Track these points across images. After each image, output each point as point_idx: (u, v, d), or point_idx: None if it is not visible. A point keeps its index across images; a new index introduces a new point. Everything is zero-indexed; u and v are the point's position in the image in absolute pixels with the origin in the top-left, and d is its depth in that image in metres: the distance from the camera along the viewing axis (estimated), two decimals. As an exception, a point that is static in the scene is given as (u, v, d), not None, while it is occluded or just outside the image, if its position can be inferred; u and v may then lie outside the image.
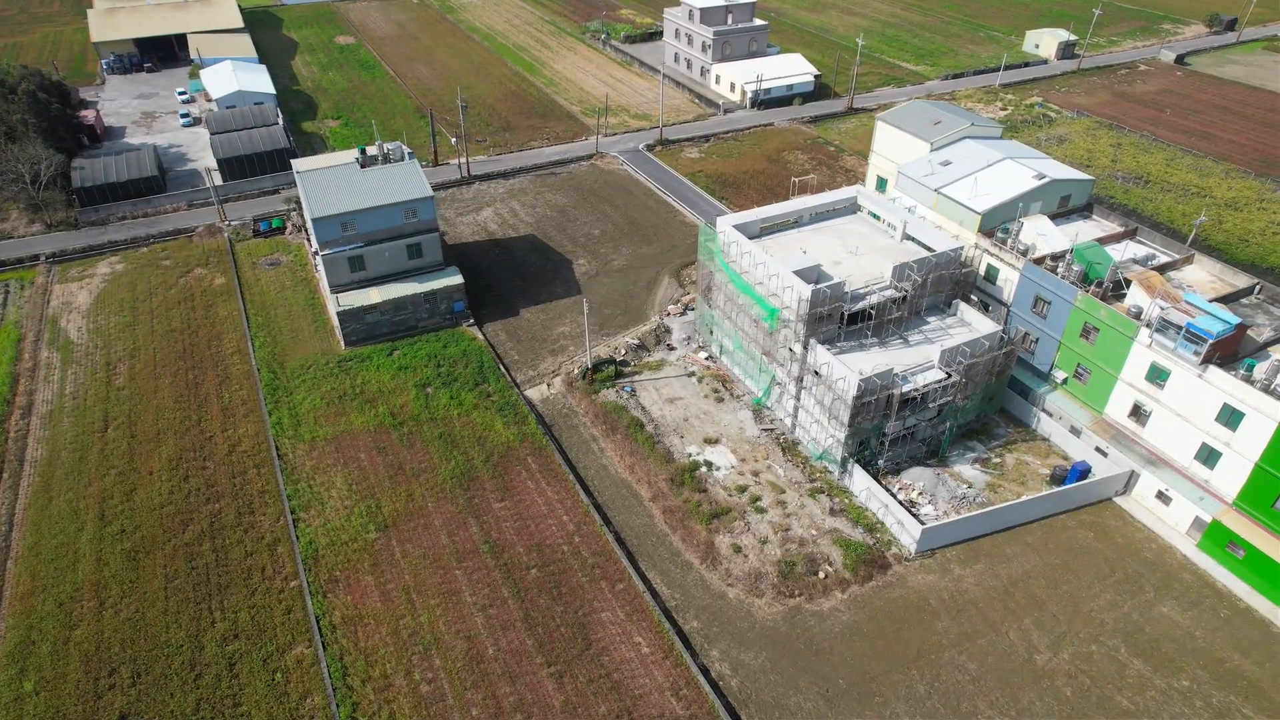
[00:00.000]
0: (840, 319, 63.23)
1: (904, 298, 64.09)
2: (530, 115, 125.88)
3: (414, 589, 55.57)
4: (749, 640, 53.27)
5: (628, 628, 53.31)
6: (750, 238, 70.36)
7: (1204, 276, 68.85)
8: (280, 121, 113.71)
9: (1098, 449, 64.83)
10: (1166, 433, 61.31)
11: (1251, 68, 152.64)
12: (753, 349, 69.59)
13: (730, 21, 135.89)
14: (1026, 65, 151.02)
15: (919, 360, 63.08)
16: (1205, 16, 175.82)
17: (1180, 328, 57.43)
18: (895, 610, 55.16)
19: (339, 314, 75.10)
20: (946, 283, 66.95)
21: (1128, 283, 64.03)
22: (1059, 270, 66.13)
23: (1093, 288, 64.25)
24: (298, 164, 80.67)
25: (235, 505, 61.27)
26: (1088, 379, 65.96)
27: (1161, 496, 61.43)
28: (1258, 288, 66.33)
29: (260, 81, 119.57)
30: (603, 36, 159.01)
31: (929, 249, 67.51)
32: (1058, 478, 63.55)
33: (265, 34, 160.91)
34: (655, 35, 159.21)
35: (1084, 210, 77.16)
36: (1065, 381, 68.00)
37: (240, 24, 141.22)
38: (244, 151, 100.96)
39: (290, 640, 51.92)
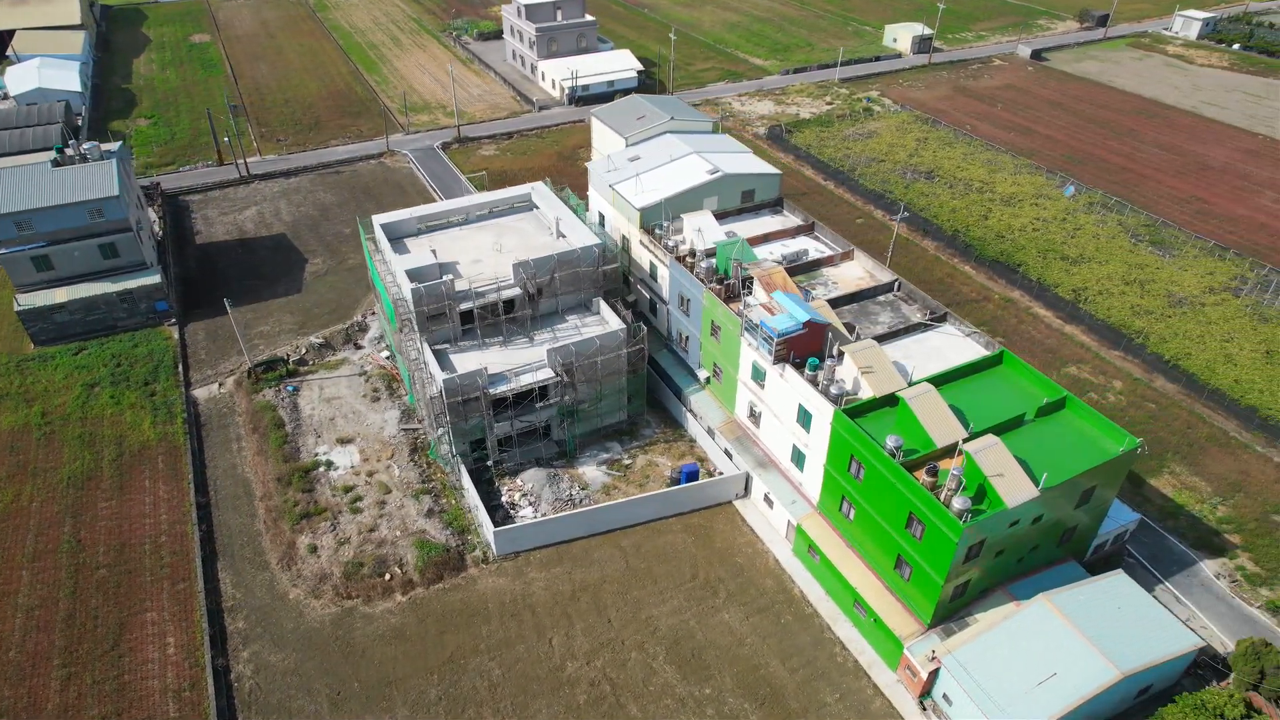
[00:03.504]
0: (458, 318, 62.40)
1: (525, 296, 63.10)
2: (344, 114, 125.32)
3: (-26, 589, 55.34)
4: (286, 642, 52.50)
5: (166, 628, 52.73)
6: (406, 236, 69.67)
7: (857, 273, 67.48)
8: (80, 120, 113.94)
9: (725, 450, 63.66)
10: (772, 434, 60.11)
11: (1107, 64, 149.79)
12: (398, 348, 68.86)
13: (560, 18, 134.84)
14: (878, 59, 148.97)
15: (538, 359, 62.15)
16: (1077, 12, 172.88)
17: (758, 325, 56.22)
18: (449, 613, 54.23)
19: (19, 313, 74.89)
20: (585, 280, 65.80)
21: (750, 280, 62.82)
22: (694, 267, 65.00)
23: (714, 284, 63.11)
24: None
25: None
26: (721, 378, 64.82)
27: (768, 500, 60.22)
28: (897, 284, 64.87)
29: (67, 79, 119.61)
30: (456, 34, 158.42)
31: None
32: (672, 480, 62.40)
33: (123, 31, 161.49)
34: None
35: (774, 205, 75.86)
36: (708, 381, 66.86)
37: (77, 21, 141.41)
38: (6, 150, 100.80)
39: None
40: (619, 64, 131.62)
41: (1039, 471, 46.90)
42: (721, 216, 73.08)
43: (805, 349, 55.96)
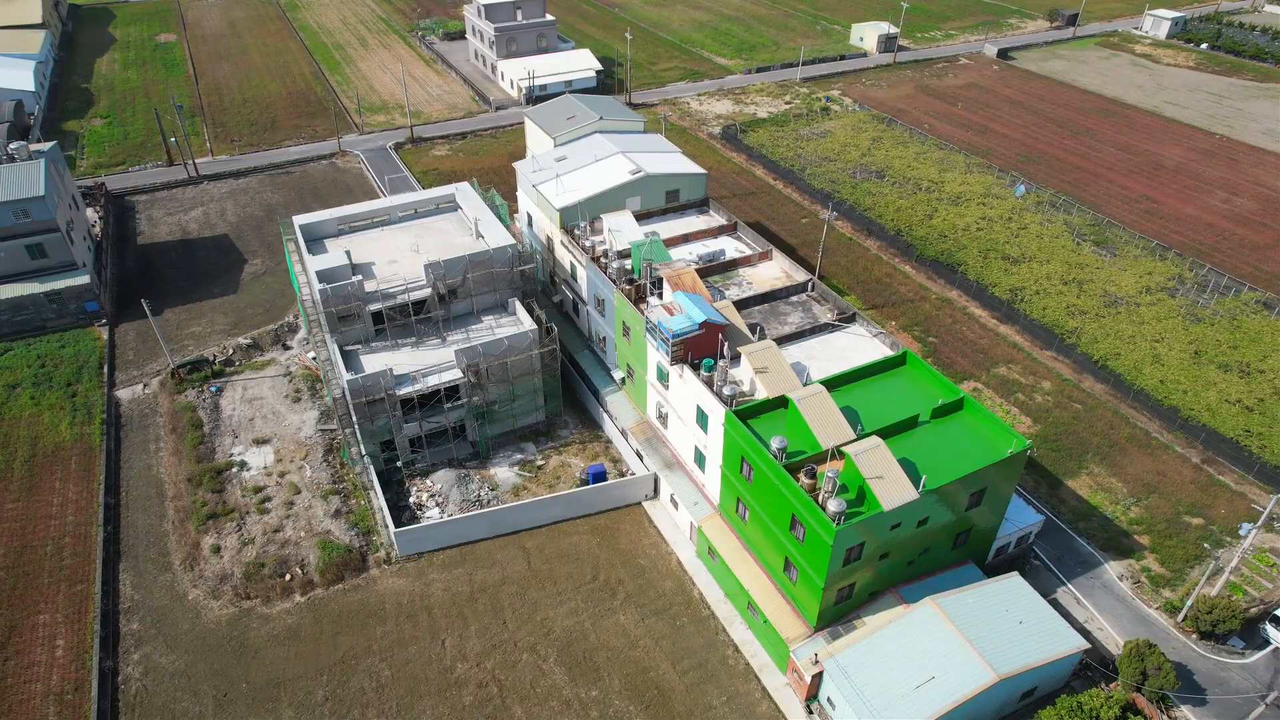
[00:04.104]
0: (370, 319, 62.18)
1: (436, 297, 62.82)
2: (301, 115, 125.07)
3: (-128, 591, 55.26)
4: (179, 643, 52.31)
5: (57, 631, 52.57)
6: (327, 237, 69.46)
7: (774, 273, 67.26)
8: (34, 120, 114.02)
9: (637, 451, 63.39)
10: (677, 435, 59.85)
11: (1074, 63, 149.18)
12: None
13: (519, 17, 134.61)
14: (842, 58, 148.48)
15: (449, 360, 61.89)
16: (1047, 10, 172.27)
17: (656, 326, 55.93)
18: (345, 614, 54.02)
19: (-55, 313, 75.05)
20: (501, 281, 65.56)
21: (660, 281, 62.53)
22: (607, 268, 64.72)
23: (625, 284, 62.84)
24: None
25: None
26: (634, 379, 64.57)
27: (674, 501, 59.95)
28: (810, 284, 64.59)
29: (20, 79, 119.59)
30: (422, 35, 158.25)
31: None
32: (581, 482, 62.16)
33: (89, 30, 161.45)
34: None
35: (700, 205, 75.60)
36: (624, 382, 66.61)
37: (38, 20, 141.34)
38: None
39: None
40: (578, 63, 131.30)
41: (926, 473, 46.65)
42: (645, 217, 72.91)
43: (705, 350, 55.72)
